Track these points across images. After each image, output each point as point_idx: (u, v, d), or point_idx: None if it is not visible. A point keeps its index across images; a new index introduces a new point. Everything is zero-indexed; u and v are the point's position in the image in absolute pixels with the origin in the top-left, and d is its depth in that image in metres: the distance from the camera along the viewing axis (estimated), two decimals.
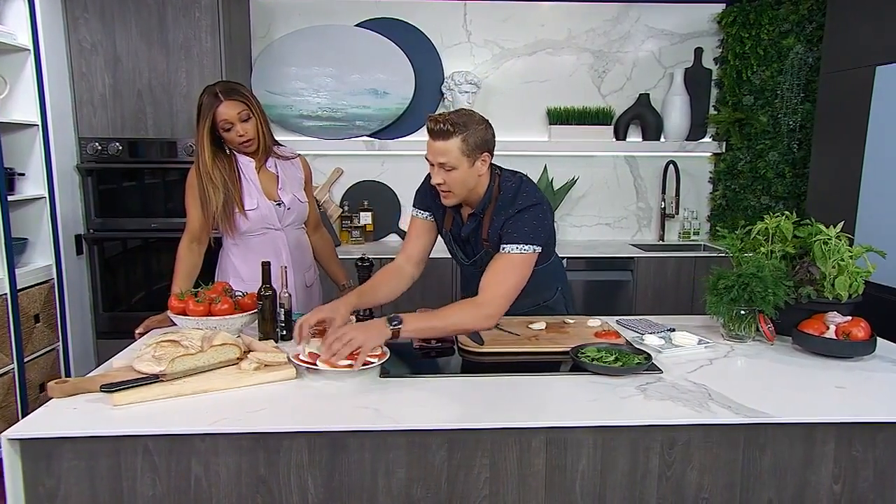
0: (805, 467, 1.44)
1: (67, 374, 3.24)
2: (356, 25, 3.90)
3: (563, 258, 2.09)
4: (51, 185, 3.11)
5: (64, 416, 1.36)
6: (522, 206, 1.84)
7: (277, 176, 2.19)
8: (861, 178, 3.07)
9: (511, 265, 1.78)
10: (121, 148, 3.31)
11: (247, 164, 2.13)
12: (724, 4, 3.98)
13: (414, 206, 2.08)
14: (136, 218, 3.42)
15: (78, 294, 3.34)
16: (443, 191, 1.85)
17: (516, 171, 1.97)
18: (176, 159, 3.35)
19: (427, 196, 2.03)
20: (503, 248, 1.81)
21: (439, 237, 2.10)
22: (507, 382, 1.59)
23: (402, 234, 4.09)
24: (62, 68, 3.23)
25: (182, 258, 2.13)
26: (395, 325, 1.65)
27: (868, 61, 3.10)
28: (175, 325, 1.87)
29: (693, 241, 4.14)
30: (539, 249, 1.82)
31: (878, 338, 1.81)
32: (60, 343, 3.20)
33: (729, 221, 4.02)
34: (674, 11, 4.02)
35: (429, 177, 2.10)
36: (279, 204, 2.16)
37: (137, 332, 1.99)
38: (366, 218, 3.96)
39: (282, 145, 2.27)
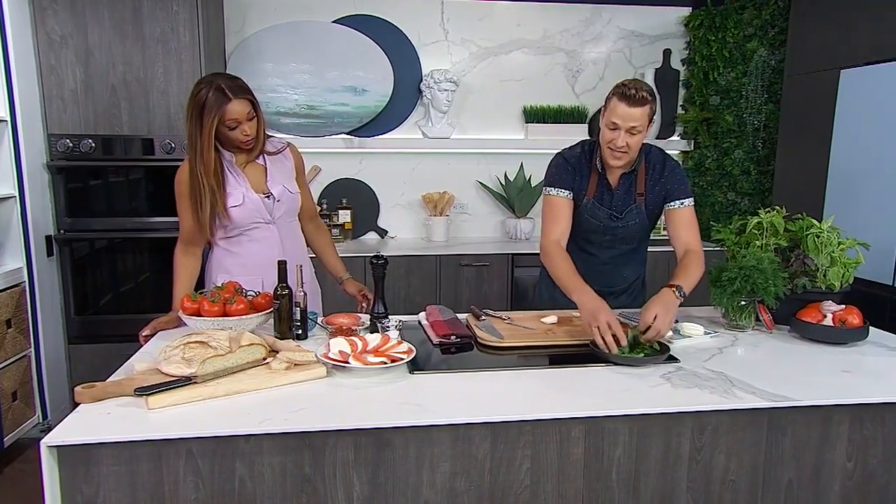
0: (822, 447, 1.53)
1: (40, 382, 3.10)
2: (333, 22, 3.86)
3: None
4: (20, 183, 2.97)
5: (99, 422, 1.31)
6: (674, 163, 2.15)
7: (266, 168, 2.11)
8: (827, 176, 3.24)
9: (692, 215, 2.13)
10: (94, 145, 3.19)
11: (230, 158, 2.05)
12: (691, 8, 4.14)
13: (552, 186, 2.15)
14: (109, 218, 3.29)
15: (49, 297, 3.19)
16: (622, 152, 1.99)
17: None
18: (153, 157, 3.24)
19: (568, 173, 2.14)
20: (682, 203, 2.11)
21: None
22: (537, 375, 1.63)
23: (382, 233, 4.08)
24: (29, 61, 3.08)
25: (180, 263, 2.07)
26: (680, 296, 1.86)
27: (832, 64, 3.28)
28: (186, 326, 1.83)
29: (664, 235, 4.27)
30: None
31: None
32: (32, 349, 3.06)
33: (697, 217, 4.17)
34: (643, 14, 4.15)
35: (559, 158, 2.17)
36: (268, 196, 2.08)
37: (143, 334, 1.93)
38: (345, 216, 3.93)
39: (272, 137, 2.19)
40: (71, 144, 3.17)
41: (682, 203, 2.11)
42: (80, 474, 1.27)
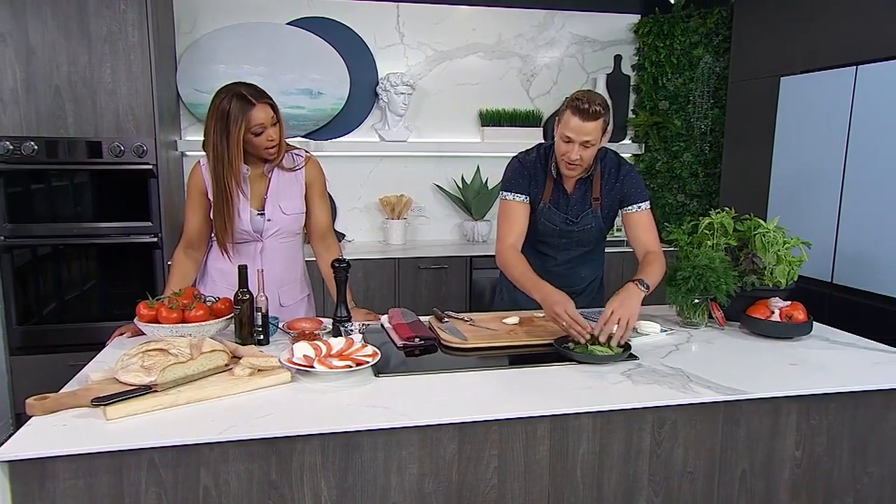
0: (772, 437, 1.60)
1: None
2: (287, 24, 3.81)
3: None
4: None
5: (54, 434, 1.27)
6: (629, 167, 2.18)
7: (269, 183, 2.07)
8: (770, 177, 3.39)
9: (650, 218, 2.18)
10: (37, 148, 3.06)
11: (245, 172, 2.02)
12: (640, 15, 4.26)
13: (508, 190, 2.18)
14: (53, 223, 3.17)
15: None
16: (575, 164, 2.03)
17: None
18: (101, 160, 3.14)
19: (524, 178, 2.17)
20: (638, 207, 2.15)
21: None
22: (501, 375, 1.65)
23: (339, 236, 4.04)
24: None
25: (178, 262, 2.05)
26: (643, 288, 1.88)
27: (772, 72, 3.43)
28: (143, 333, 1.79)
29: (616, 237, 4.37)
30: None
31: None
32: None
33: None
34: (595, 20, 4.25)
35: (516, 162, 2.19)
36: (261, 214, 2.06)
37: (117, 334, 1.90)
38: None
39: (294, 149, 2.12)
40: (11, 147, 3.04)
41: (639, 207, 2.16)
42: (34, 490, 1.22)
